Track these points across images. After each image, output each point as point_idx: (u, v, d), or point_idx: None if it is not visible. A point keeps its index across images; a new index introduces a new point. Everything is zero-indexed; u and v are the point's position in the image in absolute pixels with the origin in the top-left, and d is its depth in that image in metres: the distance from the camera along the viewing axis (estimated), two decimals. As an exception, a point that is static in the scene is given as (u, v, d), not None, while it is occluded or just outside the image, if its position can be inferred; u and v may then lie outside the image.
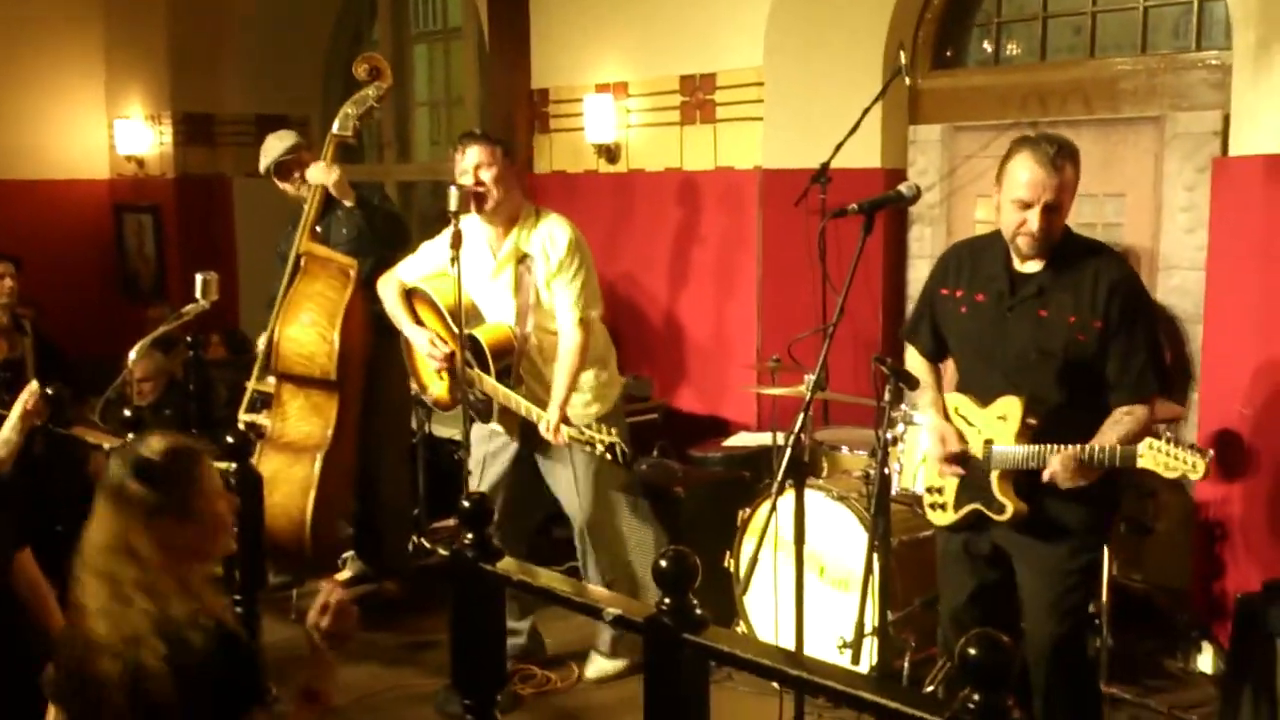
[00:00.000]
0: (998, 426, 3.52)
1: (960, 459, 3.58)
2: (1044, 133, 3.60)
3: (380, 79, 5.23)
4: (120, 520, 2.50)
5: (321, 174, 5.21)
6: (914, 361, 3.85)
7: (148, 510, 2.49)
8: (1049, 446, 3.39)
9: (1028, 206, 3.40)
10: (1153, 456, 3.26)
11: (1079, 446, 3.34)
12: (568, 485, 4.67)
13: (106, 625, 2.45)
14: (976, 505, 3.58)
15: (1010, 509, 3.51)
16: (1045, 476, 3.38)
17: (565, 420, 4.36)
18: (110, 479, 2.54)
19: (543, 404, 4.46)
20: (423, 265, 4.78)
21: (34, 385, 4.06)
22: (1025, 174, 3.40)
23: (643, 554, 4.77)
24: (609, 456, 4.20)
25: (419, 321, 4.77)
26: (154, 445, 2.56)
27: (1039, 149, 3.40)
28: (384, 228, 5.32)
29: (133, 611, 2.45)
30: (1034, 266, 3.52)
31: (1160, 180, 5.13)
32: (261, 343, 5.32)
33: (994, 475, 3.52)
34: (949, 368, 3.92)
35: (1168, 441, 3.26)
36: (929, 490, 3.76)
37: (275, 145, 5.51)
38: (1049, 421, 3.47)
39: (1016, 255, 3.53)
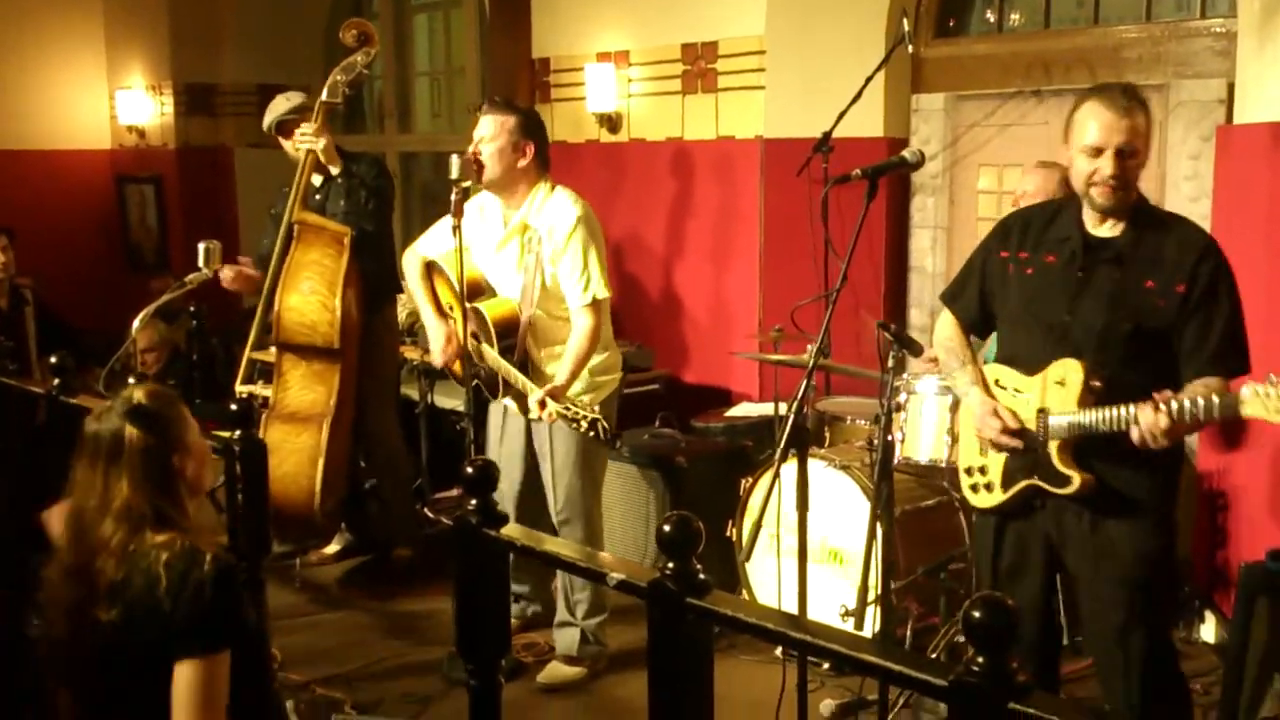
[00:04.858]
0: (1054, 392, 3.28)
1: (1021, 434, 3.32)
2: (1112, 83, 3.51)
3: (369, 44, 5.24)
4: (116, 473, 2.53)
5: (310, 138, 5.21)
6: (945, 330, 3.64)
7: (147, 451, 2.53)
8: (1125, 406, 3.11)
9: (1099, 153, 3.22)
10: (1261, 402, 2.94)
11: (1169, 398, 3.04)
12: (547, 464, 4.60)
13: (110, 566, 2.49)
14: (1034, 481, 3.33)
15: (1077, 480, 3.25)
16: (1135, 436, 3.08)
17: (554, 397, 4.22)
18: (100, 437, 2.55)
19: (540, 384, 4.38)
20: (446, 238, 4.58)
21: None
22: (1093, 120, 3.23)
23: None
24: (591, 434, 4.17)
25: (436, 296, 4.71)
26: (134, 394, 2.59)
27: (1106, 94, 3.26)
28: (366, 201, 5.33)
29: (120, 541, 2.50)
30: (1111, 230, 3.30)
31: (1164, 149, 5.10)
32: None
33: (1053, 446, 3.28)
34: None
35: (1272, 384, 2.93)
36: (968, 471, 3.52)
37: (281, 104, 5.54)
38: (1111, 391, 3.21)
39: (1092, 209, 3.31)
